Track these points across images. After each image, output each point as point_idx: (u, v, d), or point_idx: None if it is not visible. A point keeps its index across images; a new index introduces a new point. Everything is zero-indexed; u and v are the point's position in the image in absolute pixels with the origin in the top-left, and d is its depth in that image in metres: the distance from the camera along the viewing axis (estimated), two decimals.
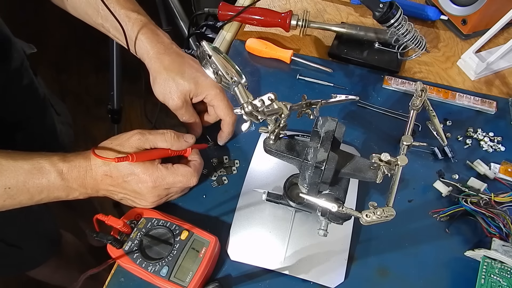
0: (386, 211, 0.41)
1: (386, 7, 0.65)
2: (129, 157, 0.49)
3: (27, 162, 0.49)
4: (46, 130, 0.81)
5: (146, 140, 0.53)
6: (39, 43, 0.79)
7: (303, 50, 0.79)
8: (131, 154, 0.50)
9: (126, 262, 0.50)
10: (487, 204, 0.56)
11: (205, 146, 0.63)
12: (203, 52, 0.48)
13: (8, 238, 0.79)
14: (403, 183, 0.62)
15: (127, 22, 0.58)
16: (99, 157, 0.49)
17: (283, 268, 0.54)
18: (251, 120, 0.43)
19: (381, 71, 0.75)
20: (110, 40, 1.25)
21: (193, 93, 0.59)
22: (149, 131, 0.54)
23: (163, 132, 0.54)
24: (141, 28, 0.59)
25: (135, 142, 0.52)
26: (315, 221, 0.56)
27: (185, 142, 0.56)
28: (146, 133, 0.53)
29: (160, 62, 0.58)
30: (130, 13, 0.59)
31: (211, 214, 0.59)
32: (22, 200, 0.50)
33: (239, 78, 0.46)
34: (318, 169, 0.43)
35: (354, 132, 0.67)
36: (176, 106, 0.58)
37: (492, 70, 0.75)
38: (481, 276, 0.51)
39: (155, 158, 0.53)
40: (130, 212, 0.54)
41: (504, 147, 0.65)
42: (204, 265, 0.50)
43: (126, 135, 0.53)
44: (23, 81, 0.70)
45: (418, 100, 0.52)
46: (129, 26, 0.58)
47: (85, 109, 1.85)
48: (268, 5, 0.87)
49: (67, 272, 1.05)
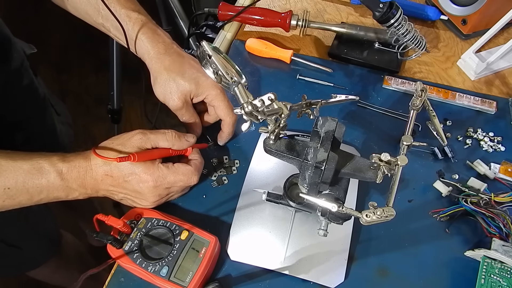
0: (386, 211, 0.41)
1: (386, 7, 0.65)
2: (131, 156, 0.49)
3: (27, 162, 0.49)
4: (46, 130, 0.81)
5: (148, 139, 0.53)
6: (39, 43, 0.79)
7: (303, 50, 0.79)
8: (132, 154, 0.50)
9: (126, 262, 0.50)
10: (487, 204, 0.56)
11: (205, 145, 0.63)
12: (203, 52, 0.48)
13: (8, 238, 0.78)
14: (403, 183, 0.62)
15: (127, 22, 0.58)
16: (101, 157, 0.49)
17: (283, 268, 0.54)
18: (251, 120, 0.43)
19: (381, 71, 0.75)
20: (110, 40, 1.25)
21: (194, 94, 0.59)
22: (151, 130, 0.54)
23: (164, 132, 0.54)
24: (141, 28, 0.59)
25: (137, 142, 0.52)
26: (315, 221, 0.56)
27: (186, 142, 0.56)
28: (147, 133, 0.53)
29: (160, 62, 0.58)
30: (130, 13, 0.59)
31: (211, 214, 0.59)
32: (22, 200, 0.49)
33: (239, 78, 0.46)
34: (318, 169, 0.43)
35: (354, 132, 0.67)
36: (176, 106, 0.58)
37: (492, 70, 0.75)
38: (481, 276, 0.51)
39: (157, 157, 0.54)
40: (130, 212, 0.54)
41: (504, 147, 0.65)
42: (204, 265, 0.50)
43: (127, 135, 0.53)
44: (23, 81, 0.70)
45: (418, 100, 0.52)
46: (129, 26, 0.58)
47: (85, 109, 1.85)
48: (268, 5, 0.87)
49: (67, 272, 1.05)
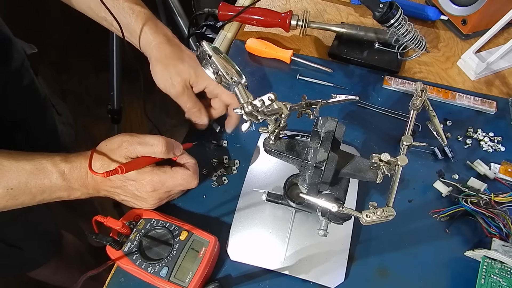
0: (386, 211, 0.41)
1: (386, 7, 0.65)
2: (118, 169, 0.47)
3: (29, 162, 0.49)
4: (47, 130, 0.81)
5: (134, 149, 0.51)
6: (40, 43, 0.79)
7: (303, 50, 0.79)
8: (120, 167, 0.48)
9: (125, 263, 0.50)
10: (487, 204, 0.56)
11: (190, 145, 0.62)
12: (203, 52, 0.48)
13: (9, 238, 0.79)
14: (403, 183, 0.62)
15: (131, 15, 0.59)
16: (92, 172, 0.48)
17: (283, 268, 0.54)
18: (251, 120, 0.43)
19: (381, 71, 0.75)
20: (110, 40, 1.25)
21: (193, 81, 0.59)
22: (138, 140, 0.52)
23: (152, 144, 0.52)
24: (145, 21, 0.59)
25: (123, 152, 0.51)
26: (315, 221, 0.56)
27: (173, 155, 0.54)
28: (134, 143, 0.51)
29: (161, 51, 0.58)
30: (134, 6, 0.60)
31: (211, 214, 0.59)
32: (25, 200, 0.50)
33: (239, 78, 0.46)
34: (318, 169, 0.43)
35: (354, 132, 0.67)
36: (177, 92, 0.58)
37: (492, 70, 0.75)
38: (481, 276, 0.51)
39: (145, 166, 0.52)
40: (129, 213, 0.54)
41: (504, 147, 0.65)
42: (204, 265, 0.50)
43: (115, 142, 0.52)
44: (23, 81, 0.70)
45: (418, 100, 0.52)
46: (132, 19, 0.59)
47: (86, 109, 1.85)
48: (268, 5, 0.87)
49: (68, 273, 1.05)
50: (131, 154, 0.51)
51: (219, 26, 0.82)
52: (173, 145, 0.54)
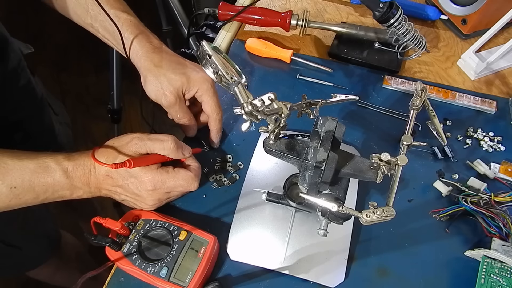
0: (386, 211, 0.41)
1: (386, 7, 0.65)
2: (127, 163, 0.48)
3: (32, 161, 0.49)
4: (45, 130, 0.81)
5: (144, 145, 0.52)
6: (39, 43, 0.80)
7: (303, 50, 0.79)
8: (128, 160, 0.49)
9: (125, 264, 0.50)
10: (487, 204, 0.56)
11: (199, 150, 0.62)
12: (203, 52, 0.48)
13: (8, 238, 0.78)
14: (403, 183, 0.62)
15: (116, 22, 0.57)
16: (98, 162, 0.49)
17: (283, 268, 0.54)
18: (251, 120, 0.43)
19: (381, 71, 0.75)
20: None
21: (185, 88, 0.58)
22: (149, 136, 0.53)
23: (162, 140, 0.53)
24: (130, 28, 0.58)
25: (133, 147, 0.52)
26: (315, 221, 0.56)
27: (182, 155, 0.55)
28: (145, 139, 0.52)
29: (150, 60, 0.57)
30: (119, 13, 0.58)
31: (211, 214, 0.59)
32: (28, 199, 0.50)
33: (239, 78, 0.46)
34: (318, 169, 0.43)
35: (354, 132, 0.67)
36: (169, 102, 0.57)
37: (492, 70, 0.75)
38: (481, 276, 0.51)
39: (152, 163, 0.53)
40: (128, 214, 0.54)
41: (504, 147, 0.65)
42: (203, 264, 0.50)
43: (125, 139, 0.53)
44: (20, 81, 0.70)
45: (418, 100, 0.52)
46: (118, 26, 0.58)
47: (85, 109, 1.85)
48: (268, 5, 0.87)
49: (67, 273, 1.05)
50: (141, 150, 0.52)
51: (219, 25, 0.82)
52: (182, 145, 0.55)
